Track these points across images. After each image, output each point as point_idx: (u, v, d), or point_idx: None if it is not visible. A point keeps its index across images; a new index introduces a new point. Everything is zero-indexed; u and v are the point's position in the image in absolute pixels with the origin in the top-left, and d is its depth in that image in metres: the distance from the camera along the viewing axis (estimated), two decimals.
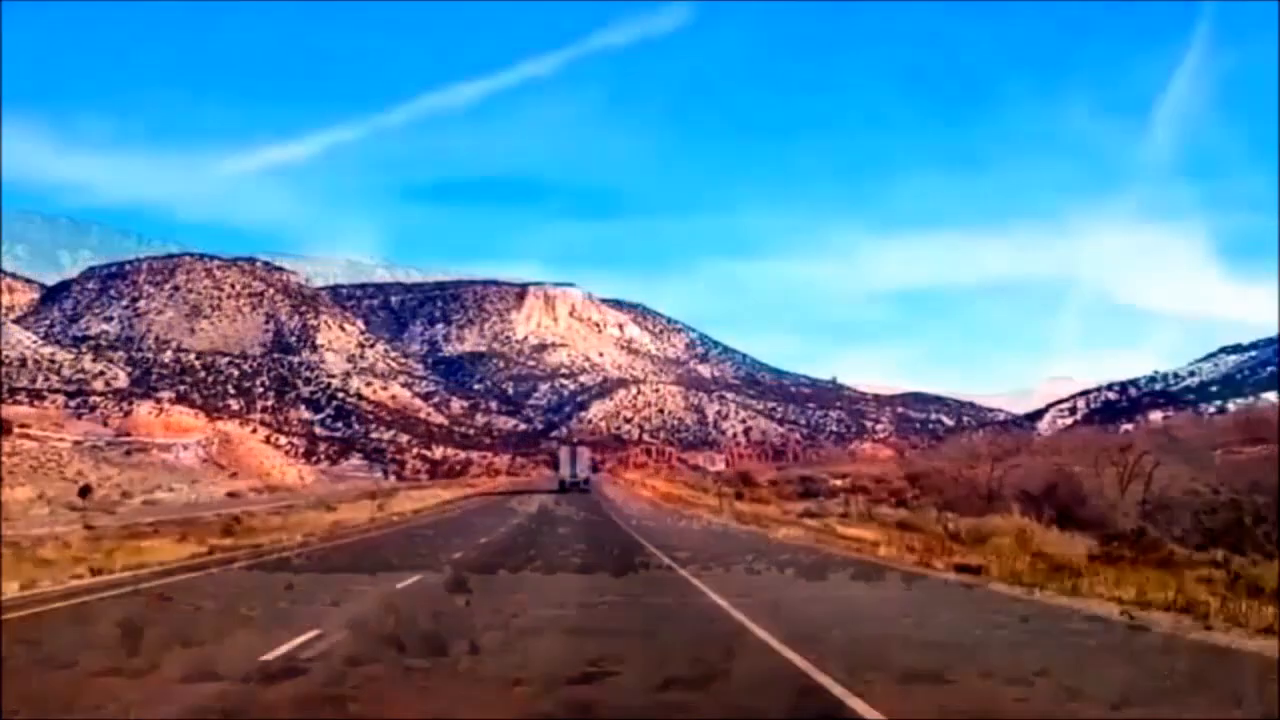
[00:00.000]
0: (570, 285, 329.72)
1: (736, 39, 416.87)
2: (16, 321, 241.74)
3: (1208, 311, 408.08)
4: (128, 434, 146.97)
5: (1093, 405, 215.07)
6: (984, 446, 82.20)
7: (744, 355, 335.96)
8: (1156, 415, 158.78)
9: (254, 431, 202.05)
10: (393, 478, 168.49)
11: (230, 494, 74.08)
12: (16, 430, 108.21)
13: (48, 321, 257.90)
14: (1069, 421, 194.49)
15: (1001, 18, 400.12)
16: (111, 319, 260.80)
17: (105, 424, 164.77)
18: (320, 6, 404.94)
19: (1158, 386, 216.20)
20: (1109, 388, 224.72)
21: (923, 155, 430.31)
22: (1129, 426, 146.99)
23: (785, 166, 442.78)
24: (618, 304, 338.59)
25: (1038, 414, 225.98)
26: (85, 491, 74.70)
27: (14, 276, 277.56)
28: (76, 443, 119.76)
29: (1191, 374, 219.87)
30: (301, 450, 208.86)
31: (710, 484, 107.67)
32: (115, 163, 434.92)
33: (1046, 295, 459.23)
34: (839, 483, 77.40)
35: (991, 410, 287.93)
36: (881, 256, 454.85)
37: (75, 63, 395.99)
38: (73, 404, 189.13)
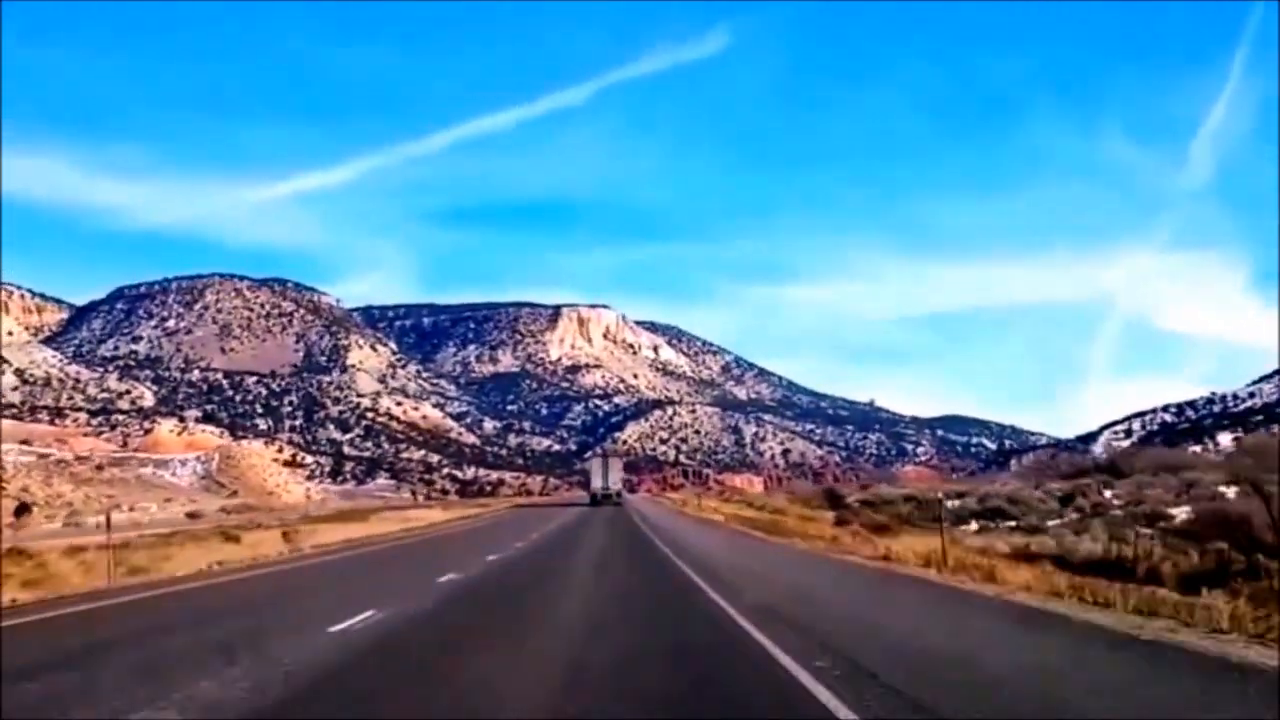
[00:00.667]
0: (605, 307, 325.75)
1: (770, 65, 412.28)
2: (45, 341, 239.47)
3: (1246, 337, 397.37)
4: (139, 450, 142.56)
5: (1149, 427, 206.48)
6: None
7: (780, 377, 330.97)
8: (1225, 437, 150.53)
9: (280, 450, 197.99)
10: (420, 496, 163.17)
11: (190, 515, 67.87)
12: None
13: (76, 341, 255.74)
14: (1125, 444, 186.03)
15: (1036, 44, 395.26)
16: (140, 339, 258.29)
17: (125, 442, 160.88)
18: (356, 34, 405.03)
19: (1216, 408, 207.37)
20: (1165, 409, 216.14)
21: (957, 180, 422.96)
22: (1196, 448, 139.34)
23: (819, 191, 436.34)
24: (652, 326, 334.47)
25: (1090, 436, 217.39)
26: (21, 510, 69.31)
27: (43, 297, 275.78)
28: (42, 456, 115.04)
29: (1251, 395, 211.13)
30: (327, 469, 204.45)
31: (784, 503, 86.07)
32: (150, 187, 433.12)
33: (1083, 320, 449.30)
34: (955, 503, 63.39)
35: (1033, 433, 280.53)
36: (917, 281, 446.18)
37: (112, 89, 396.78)
38: (94, 422, 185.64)
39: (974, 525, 56.76)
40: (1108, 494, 66.33)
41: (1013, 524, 56.01)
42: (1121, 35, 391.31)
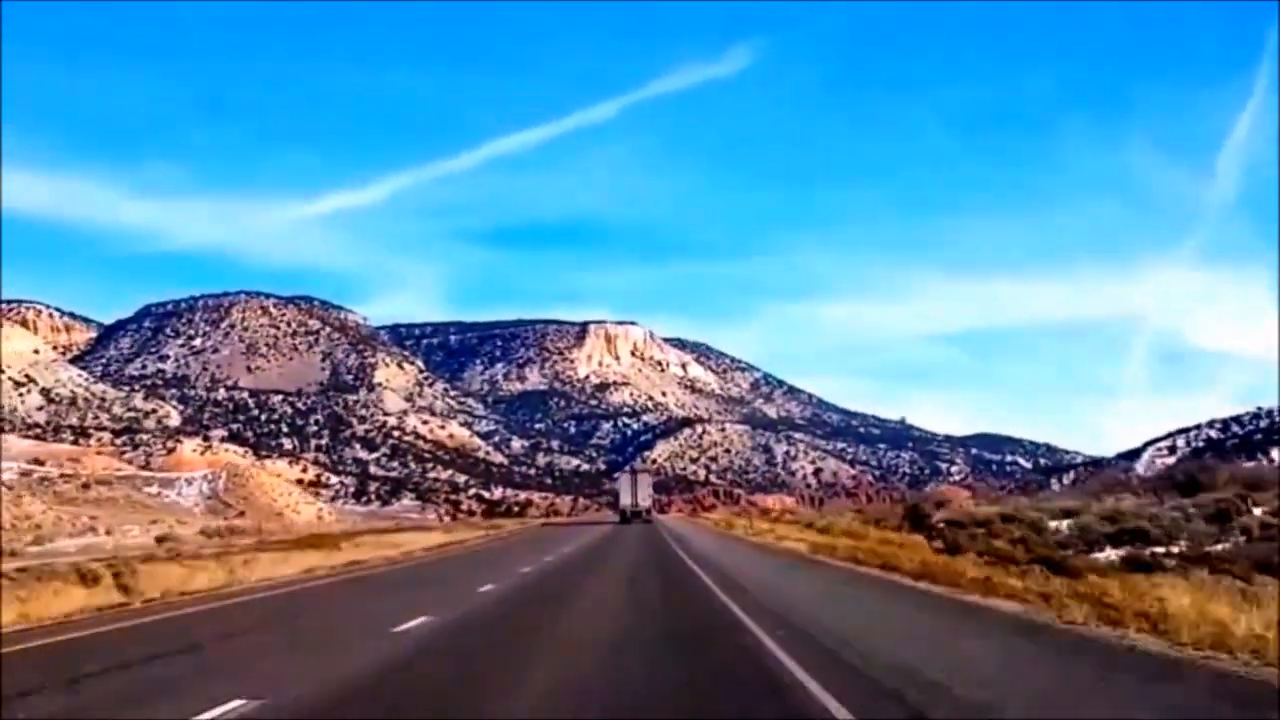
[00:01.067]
0: (633, 323, 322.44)
1: (796, 82, 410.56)
2: (74, 360, 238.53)
3: (1276, 352, 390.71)
4: (160, 470, 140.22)
5: (1194, 443, 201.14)
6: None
7: (810, 395, 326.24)
8: (1278, 452, 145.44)
9: (304, 469, 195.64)
10: (447, 517, 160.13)
11: (160, 539, 63.35)
12: None
13: (104, 360, 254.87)
14: (1170, 461, 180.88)
15: (1062, 61, 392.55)
16: (167, 358, 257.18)
17: (147, 462, 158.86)
18: (384, 55, 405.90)
19: (1263, 423, 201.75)
20: (1210, 425, 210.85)
21: (985, 197, 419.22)
22: (1250, 465, 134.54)
23: (846, 209, 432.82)
24: (681, 343, 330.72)
25: (1134, 453, 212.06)
26: None
27: (72, 316, 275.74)
28: (25, 474, 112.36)
29: None
30: (352, 490, 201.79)
31: (849, 523, 68.59)
32: (179, 207, 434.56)
33: (1112, 337, 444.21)
34: (1066, 523, 52.25)
35: (1068, 451, 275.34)
36: (946, 298, 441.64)
37: (141, 109, 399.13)
38: (118, 441, 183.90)
39: (1110, 553, 45.61)
40: (1257, 511, 58.44)
41: (1161, 549, 46.21)
42: (1147, 50, 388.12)
